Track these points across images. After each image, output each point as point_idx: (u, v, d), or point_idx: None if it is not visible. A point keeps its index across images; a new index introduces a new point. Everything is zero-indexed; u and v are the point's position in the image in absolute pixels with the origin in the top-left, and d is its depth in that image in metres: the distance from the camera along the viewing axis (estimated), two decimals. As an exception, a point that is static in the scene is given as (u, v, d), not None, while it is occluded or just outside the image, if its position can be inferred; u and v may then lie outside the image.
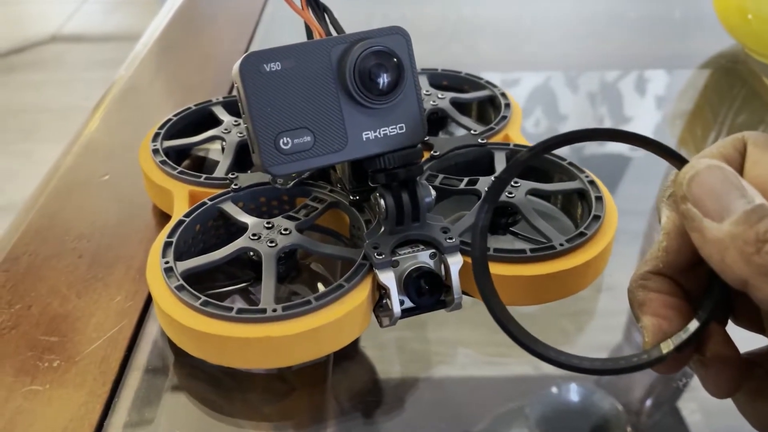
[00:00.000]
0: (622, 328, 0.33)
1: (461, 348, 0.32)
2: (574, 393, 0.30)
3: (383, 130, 0.28)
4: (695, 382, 0.29)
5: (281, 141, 0.27)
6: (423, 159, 0.31)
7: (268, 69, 0.26)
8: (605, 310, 0.34)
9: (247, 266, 0.32)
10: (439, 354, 0.32)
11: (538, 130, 0.49)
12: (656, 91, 0.55)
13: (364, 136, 0.28)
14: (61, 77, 1.81)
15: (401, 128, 0.28)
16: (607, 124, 0.50)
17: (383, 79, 0.27)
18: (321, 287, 0.33)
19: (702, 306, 0.22)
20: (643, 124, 0.51)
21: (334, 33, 0.31)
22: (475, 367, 0.31)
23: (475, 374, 0.31)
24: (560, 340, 0.32)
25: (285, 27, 0.62)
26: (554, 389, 0.31)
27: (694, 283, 0.23)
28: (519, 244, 0.33)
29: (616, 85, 0.55)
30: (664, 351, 0.22)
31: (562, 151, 0.36)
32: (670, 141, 0.49)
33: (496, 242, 0.32)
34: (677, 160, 0.22)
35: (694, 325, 0.22)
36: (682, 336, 0.22)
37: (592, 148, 0.48)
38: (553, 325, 0.32)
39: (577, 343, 0.33)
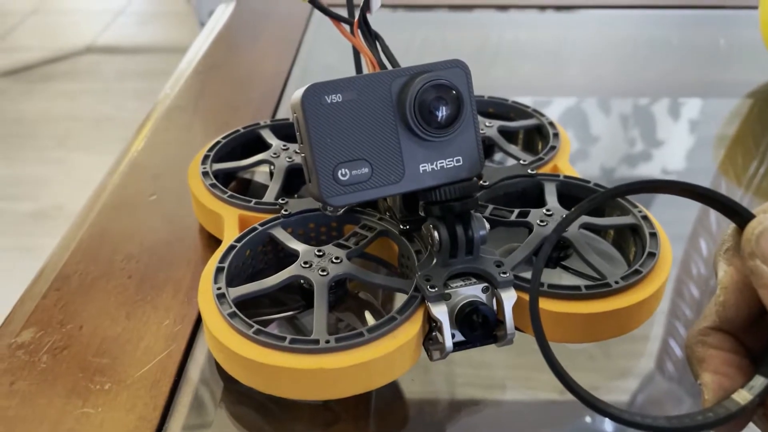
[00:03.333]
0: (654, 354, 0.33)
1: (488, 370, 0.32)
2: (608, 423, 0.30)
3: (440, 163, 0.28)
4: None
5: (339, 172, 0.27)
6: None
7: (329, 101, 0.26)
8: (635, 336, 0.33)
9: (295, 291, 0.32)
10: (465, 376, 0.31)
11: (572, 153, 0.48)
12: (698, 118, 0.54)
13: (421, 168, 0.28)
14: (96, 87, 1.84)
15: (458, 161, 0.28)
16: (650, 150, 0.50)
17: (442, 112, 0.27)
18: (367, 314, 0.33)
19: (765, 362, 0.22)
20: (684, 151, 0.51)
21: (385, 60, 0.31)
22: (510, 391, 0.31)
23: (508, 399, 0.31)
24: (587, 365, 0.32)
25: (328, 48, 0.62)
26: (588, 419, 0.30)
27: (754, 339, 0.23)
28: (568, 278, 0.33)
29: (659, 112, 0.54)
30: (733, 409, 0.21)
31: (601, 180, 0.36)
32: (711, 168, 0.48)
33: (546, 276, 0.32)
34: (742, 217, 0.22)
35: (760, 382, 0.22)
36: (748, 395, 0.21)
37: (622, 172, 0.48)
38: (581, 349, 0.32)
39: (605, 368, 0.32)
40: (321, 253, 0.30)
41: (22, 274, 0.36)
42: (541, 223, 0.32)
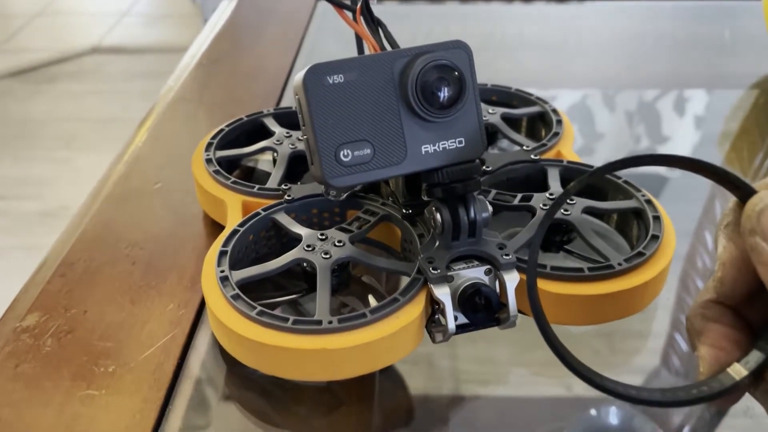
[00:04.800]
0: (659, 351, 0.32)
1: (493, 366, 0.32)
2: (613, 416, 0.30)
3: (442, 144, 0.28)
4: (734, 406, 0.28)
5: (341, 153, 0.27)
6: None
7: (331, 81, 0.26)
8: (640, 331, 0.33)
9: (297, 277, 0.33)
10: (469, 372, 0.31)
11: (576, 147, 0.48)
12: (703, 110, 0.54)
13: (423, 150, 0.28)
14: (101, 88, 1.85)
15: (460, 142, 0.28)
16: (655, 142, 0.50)
17: (444, 93, 0.27)
18: (370, 298, 0.33)
19: (763, 337, 0.22)
20: (689, 143, 0.51)
21: (387, 47, 0.31)
22: (514, 386, 0.31)
23: (512, 394, 0.31)
24: (593, 361, 0.31)
25: (331, 41, 0.62)
26: (593, 412, 0.30)
27: (754, 314, 0.23)
28: (571, 262, 0.33)
29: (664, 104, 0.54)
30: (728, 384, 0.21)
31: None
32: (716, 160, 0.48)
33: (549, 260, 0.31)
34: (743, 191, 0.22)
35: (756, 357, 0.21)
36: (743, 369, 0.21)
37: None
38: (586, 344, 0.32)
39: (611, 363, 0.32)
40: (324, 237, 0.30)
41: (28, 273, 0.36)
42: (544, 207, 0.32)
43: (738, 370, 0.21)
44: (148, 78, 1.86)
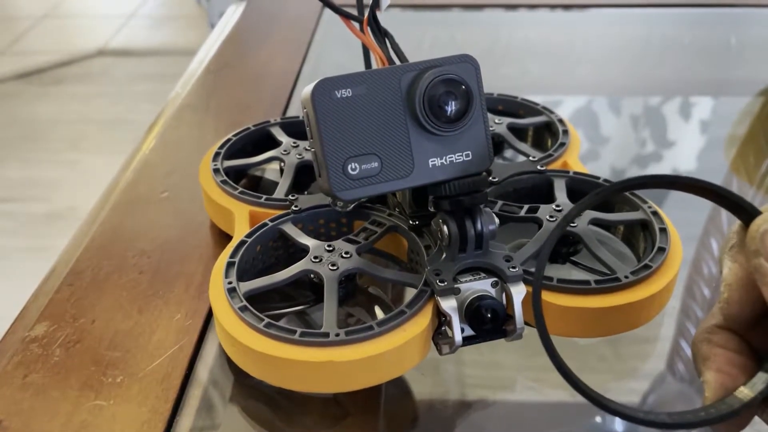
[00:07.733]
0: (665, 355, 0.33)
1: (498, 371, 0.32)
2: (618, 422, 0.30)
3: (450, 157, 0.28)
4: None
5: (349, 166, 0.27)
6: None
7: (339, 95, 0.26)
8: (646, 337, 0.33)
9: (305, 288, 0.33)
10: (475, 377, 0.31)
11: (582, 152, 0.48)
12: (709, 117, 0.54)
13: (431, 163, 0.28)
14: (108, 90, 1.85)
15: (467, 155, 0.28)
16: (660, 148, 0.50)
17: (452, 107, 0.27)
18: (377, 310, 0.33)
19: None
20: (695, 150, 0.51)
21: (394, 57, 0.31)
22: (520, 392, 0.31)
23: (517, 400, 0.31)
24: (598, 366, 0.32)
25: (338, 47, 0.62)
26: (598, 418, 0.30)
27: (760, 339, 0.23)
28: (577, 274, 0.33)
29: (669, 110, 0.54)
30: (735, 405, 0.21)
31: (610, 177, 0.36)
32: (722, 167, 0.48)
33: (556, 271, 0.31)
34: (747, 214, 0.22)
35: (763, 379, 0.22)
36: (750, 392, 0.21)
37: (633, 172, 0.47)
38: (591, 350, 0.32)
39: (616, 369, 0.32)
40: (331, 248, 0.30)
41: (36, 275, 0.36)
42: (551, 219, 0.32)
43: (745, 393, 0.21)
44: (154, 80, 1.86)
